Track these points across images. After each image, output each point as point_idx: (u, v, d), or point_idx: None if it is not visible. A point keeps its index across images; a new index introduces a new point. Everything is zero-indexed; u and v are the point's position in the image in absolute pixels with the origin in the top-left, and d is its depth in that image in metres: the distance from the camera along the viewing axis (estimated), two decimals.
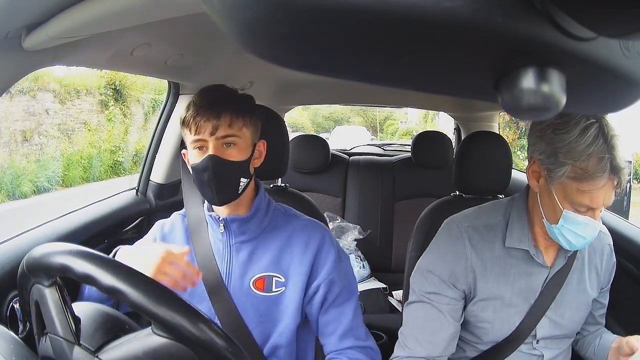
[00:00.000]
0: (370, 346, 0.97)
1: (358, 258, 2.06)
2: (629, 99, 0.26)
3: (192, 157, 0.90)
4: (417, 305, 0.96)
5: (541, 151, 0.83)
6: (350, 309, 0.96)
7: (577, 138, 0.77)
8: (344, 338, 0.95)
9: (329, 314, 0.95)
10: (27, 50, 0.72)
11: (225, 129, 0.87)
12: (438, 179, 2.12)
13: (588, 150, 0.76)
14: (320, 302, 0.94)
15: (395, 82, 0.24)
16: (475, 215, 0.99)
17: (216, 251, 0.95)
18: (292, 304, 0.92)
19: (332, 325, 0.95)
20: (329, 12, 0.18)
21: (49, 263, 0.59)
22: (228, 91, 0.94)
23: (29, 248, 0.65)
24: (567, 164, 0.78)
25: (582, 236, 0.83)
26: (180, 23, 0.76)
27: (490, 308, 0.95)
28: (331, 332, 0.95)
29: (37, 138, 7.64)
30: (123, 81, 8.91)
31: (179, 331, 0.55)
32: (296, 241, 0.95)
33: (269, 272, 0.93)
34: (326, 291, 0.94)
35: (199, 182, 0.90)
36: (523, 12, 0.18)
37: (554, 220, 0.85)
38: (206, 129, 0.87)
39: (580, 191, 0.78)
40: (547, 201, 0.85)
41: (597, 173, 0.76)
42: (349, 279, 0.99)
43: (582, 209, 0.81)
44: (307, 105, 7.98)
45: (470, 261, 0.93)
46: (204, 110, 0.87)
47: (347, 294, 0.96)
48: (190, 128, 0.88)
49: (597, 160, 0.76)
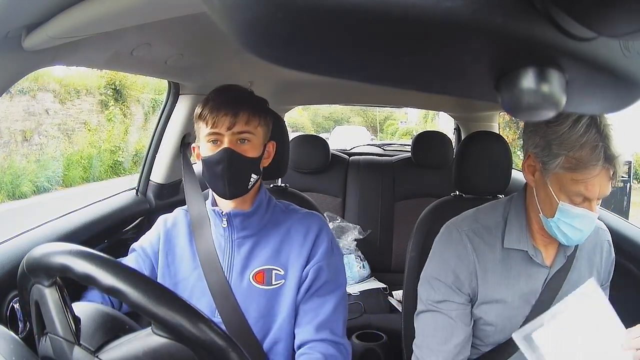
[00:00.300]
0: (344, 344, 0.95)
1: (358, 258, 2.05)
2: (629, 99, 0.26)
3: (205, 150, 0.92)
4: (427, 314, 0.96)
5: (535, 144, 0.83)
6: (332, 302, 0.94)
7: (569, 129, 0.77)
8: (321, 329, 0.92)
9: (310, 302, 0.94)
10: (27, 50, 0.72)
11: (242, 125, 0.90)
12: (438, 179, 2.12)
13: (581, 140, 0.76)
14: (306, 289, 0.94)
15: (395, 82, 0.24)
16: (474, 217, 0.99)
17: (218, 246, 0.96)
18: (291, 296, 0.93)
19: (310, 314, 0.93)
20: (329, 12, 0.18)
21: (49, 263, 0.59)
22: (246, 91, 0.97)
23: (29, 248, 0.65)
24: (561, 154, 0.78)
25: (579, 229, 0.82)
26: (180, 23, 0.76)
27: (492, 311, 0.95)
28: (308, 322, 0.93)
29: (37, 138, 7.64)
30: (123, 81, 8.91)
31: (179, 331, 0.55)
32: (295, 233, 0.96)
33: (269, 266, 0.94)
34: (313, 278, 0.93)
35: (211, 174, 0.92)
36: (523, 12, 0.18)
37: (550, 213, 0.84)
38: (224, 123, 0.89)
39: (575, 181, 0.78)
40: (543, 195, 0.85)
41: (591, 162, 0.76)
42: (338, 274, 0.98)
43: (578, 199, 0.81)
44: (307, 105, 7.99)
45: (474, 264, 0.93)
46: (223, 105, 0.90)
47: (332, 286, 0.95)
48: (207, 121, 0.90)
49: (591, 150, 0.76)
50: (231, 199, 0.94)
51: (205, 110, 0.90)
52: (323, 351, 0.90)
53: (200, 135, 0.93)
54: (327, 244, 0.96)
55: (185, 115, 1.42)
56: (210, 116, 0.89)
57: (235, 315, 0.91)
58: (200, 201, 1.04)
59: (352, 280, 1.99)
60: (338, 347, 0.93)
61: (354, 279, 1.99)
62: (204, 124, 0.91)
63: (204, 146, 0.93)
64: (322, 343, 0.91)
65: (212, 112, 0.89)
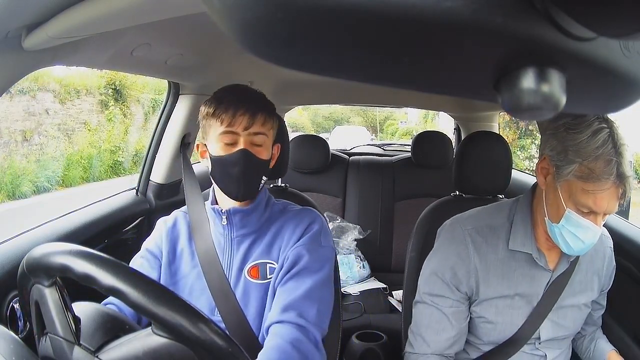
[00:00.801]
0: (313, 332, 0.85)
1: (358, 258, 2.06)
2: (629, 99, 0.25)
3: (217, 149, 0.90)
4: (422, 306, 0.99)
5: (552, 147, 0.84)
6: (307, 285, 0.87)
7: (588, 138, 0.78)
8: (287, 310, 0.84)
9: (285, 285, 0.89)
10: (27, 50, 0.72)
11: (259, 126, 0.89)
12: (438, 179, 2.12)
13: (597, 152, 0.77)
14: (284, 272, 0.90)
15: (395, 82, 0.24)
16: (479, 216, 1.00)
17: (217, 245, 0.96)
18: None
19: (282, 296, 0.87)
20: (329, 12, 0.18)
21: (49, 263, 0.59)
22: (258, 92, 0.95)
23: (29, 248, 0.65)
24: (576, 162, 0.79)
25: (582, 240, 0.83)
26: (180, 23, 0.76)
27: (492, 309, 0.95)
28: (276, 303, 0.87)
29: (37, 138, 7.63)
30: (123, 81, 8.91)
31: (179, 331, 0.55)
32: (288, 227, 0.95)
33: (262, 260, 0.93)
34: (292, 261, 0.89)
35: (225, 175, 0.90)
36: (523, 12, 0.18)
37: (556, 219, 0.85)
38: (241, 122, 0.87)
39: (585, 191, 0.79)
40: (552, 199, 0.86)
41: (604, 175, 0.77)
42: (322, 264, 0.91)
43: (584, 210, 0.81)
44: (307, 105, 7.98)
45: (473, 264, 0.94)
46: (241, 104, 0.88)
47: (310, 272, 0.89)
48: (222, 120, 0.88)
49: (605, 163, 0.77)
50: (242, 200, 0.93)
51: (220, 108, 0.88)
52: (285, 335, 0.82)
53: (210, 133, 0.91)
54: (316, 233, 0.94)
55: (185, 115, 1.42)
56: (226, 114, 0.87)
57: (234, 313, 0.91)
58: (199, 201, 1.04)
59: (352, 280, 1.99)
60: (305, 331, 0.84)
61: (354, 279, 1.99)
62: (217, 122, 0.88)
63: (215, 145, 0.90)
64: (285, 325, 0.84)
65: (227, 111, 0.87)
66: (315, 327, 0.85)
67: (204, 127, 0.93)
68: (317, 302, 0.88)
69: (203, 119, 0.92)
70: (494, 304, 0.95)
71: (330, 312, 0.92)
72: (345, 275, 1.96)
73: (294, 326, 0.83)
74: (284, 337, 0.82)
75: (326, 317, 0.90)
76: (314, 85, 2.11)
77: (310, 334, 0.84)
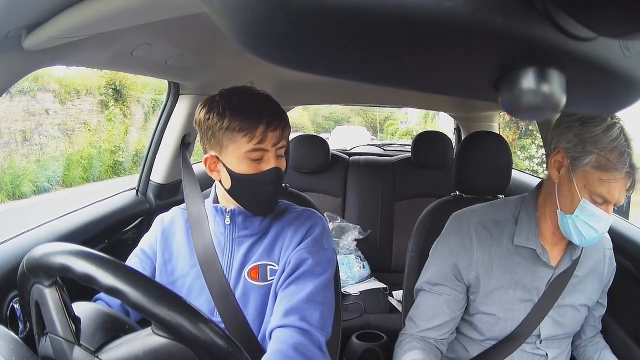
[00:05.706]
0: (316, 335, 0.83)
1: (358, 258, 2.06)
2: (629, 99, 0.26)
3: (243, 166, 0.85)
4: (422, 293, 1.04)
5: (568, 140, 0.87)
6: (309, 289, 0.85)
7: (604, 131, 0.82)
8: (289, 314, 0.82)
9: (287, 289, 0.87)
10: (27, 50, 0.72)
11: (285, 140, 0.87)
12: (438, 179, 2.12)
13: (613, 144, 0.82)
14: (286, 275, 0.88)
15: (395, 82, 0.24)
16: (485, 210, 1.02)
17: (217, 245, 0.95)
18: None
19: (284, 300, 0.85)
20: (329, 12, 0.18)
21: (49, 263, 0.59)
22: (272, 99, 0.89)
23: (29, 248, 0.65)
24: (593, 152, 0.83)
25: (595, 229, 0.86)
26: (180, 23, 0.76)
27: (494, 303, 0.97)
28: (278, 307, 0.85)
29: (37, 138, 7.63)
30: (123, 81, 8.91)
31: (179, 331, 0.55)
32: (289, 228, 0.94)
33: (263, 261, 0.92)
34: (294, 264, 0.88)
35: (253, 194, 0.87)
36: (523, 12, 0.18)
37: (569, 210, 0.87)
38: (271, 139, 0.82)
39: (601, 180, 0.83)
40: (566, 191, 0.88)
41: (619, 165, 0.81)
42: (325, 267, 0.90)
43: (598, 201, 0.85)
44: (307, 105, 7.98)
45: (476, 257, 0.96)
46: (269, 119, 0.82)
47: (313, 276, 0.87)
48: (252, 137, 0.81)
49: (619, 154, 0.82)
50: (265, 215, 0.92)
51: (246, 122, 0.80)
52: (288, 339, 0.80)
53: (231, 148, 0.84)
54: (318, 235, 0.93)
55: (186, 115, 1.42)
56: (255, 131, 0.80)
57: (234, 313, 0.91)
58: (199, 201, 1.03)
59: (352, 280, 1.99)
60: (308, 335, 0.82)
61: (354, 279, 1.99)
62: (243, 138, 0.82)
63: (239, 162, 0.85)
64: (287, 329, 0.81)
65: (256, 126, 0.80)
66: (318, 331, 0.83)
67: (218, 139, 0.85)
68: (320, 305, 0.86)
69: (219, 130, 0.84)
70: (496, 299, 0.96)
71: (332, 315, 0.90)
72: (345, 275, 1.97)
73: (297, 330, 0.81)
74: (286, 342, 0.80)
75: (329, 320, 0.88)
76: (314, 85, 2.10)
77: (314, 337, 0.82)
